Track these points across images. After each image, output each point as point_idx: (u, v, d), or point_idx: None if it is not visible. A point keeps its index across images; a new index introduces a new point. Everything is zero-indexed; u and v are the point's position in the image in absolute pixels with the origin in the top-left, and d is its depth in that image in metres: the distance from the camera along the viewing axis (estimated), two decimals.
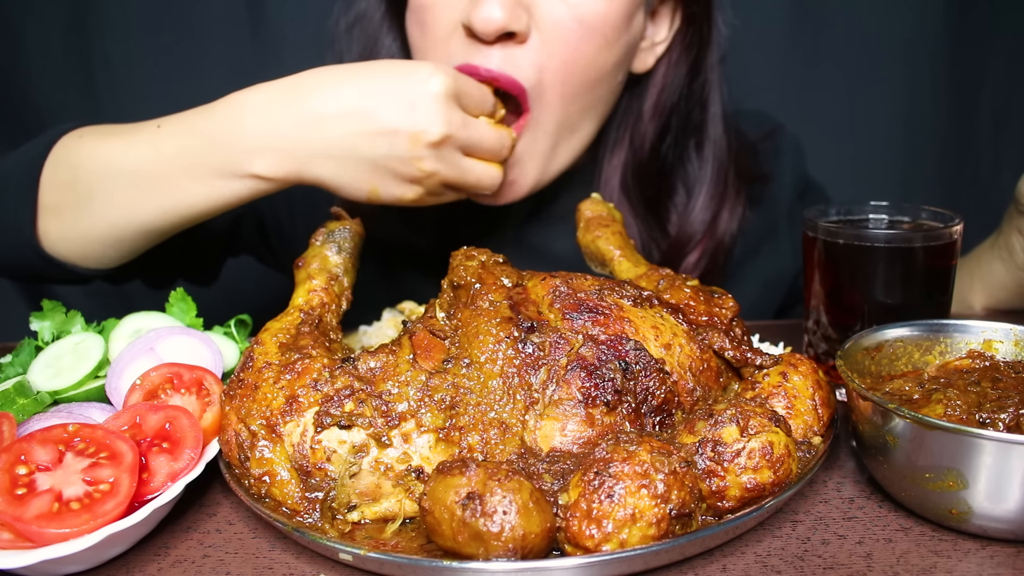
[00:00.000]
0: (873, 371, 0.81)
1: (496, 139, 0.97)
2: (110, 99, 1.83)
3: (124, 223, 0.98)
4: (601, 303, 0.75)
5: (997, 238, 1.17)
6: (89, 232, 1.00)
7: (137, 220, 0.98)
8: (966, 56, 1.89)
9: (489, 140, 0.96)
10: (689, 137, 1.19)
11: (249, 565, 0.67)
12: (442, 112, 0.89)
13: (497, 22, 0.96)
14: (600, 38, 1.02)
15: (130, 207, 0.97)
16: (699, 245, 1.18)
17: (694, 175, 1.19)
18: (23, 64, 1.82)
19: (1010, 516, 0.63)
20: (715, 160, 1.19)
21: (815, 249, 0.92)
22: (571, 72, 1.02)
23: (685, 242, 1.18)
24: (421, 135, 0.89)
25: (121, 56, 1.82)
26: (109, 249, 1.02)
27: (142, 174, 0.95)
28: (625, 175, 1.17)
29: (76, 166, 0.99)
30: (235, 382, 0.75)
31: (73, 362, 0.87)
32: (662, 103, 1.15)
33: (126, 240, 1.01)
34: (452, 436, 0.69)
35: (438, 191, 0.96)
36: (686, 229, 1.18)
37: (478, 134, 0.94)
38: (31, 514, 0.62)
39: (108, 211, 0.98)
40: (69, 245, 1.02)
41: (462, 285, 0.78)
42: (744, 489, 0.64)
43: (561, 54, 1.01)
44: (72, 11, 1.79)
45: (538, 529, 0.58)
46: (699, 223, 1.18)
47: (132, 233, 1.00)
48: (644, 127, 1.16)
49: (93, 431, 0.70)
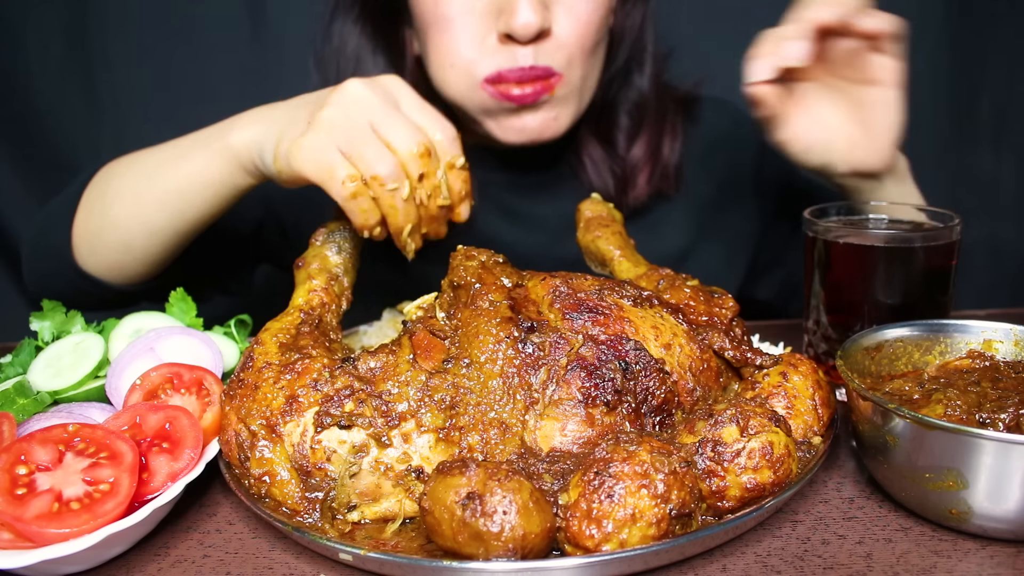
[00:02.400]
0: (873, 371, 0.81)
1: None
2: (110, 99, 1.84)
3: (132, 223, 1.03)
4: (601, 303, 0.75)
5: None
6: (105, 240, 1.06)
7: (142, 217, 1.02)
8: (966, 55, 1.89)
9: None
10: (632, 74, 1.32)
11: (249, 565, 0.67)
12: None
13: (534, 25, 1.05)
14: (604, 8, 1.16)
15: (136, 204, 1.02)
16: (647, 163, 1.31)
17: (638, 103, 1.32)
18: (23, 64, 1.82)
19: (1010, 516, 0.63)
20: (654, 88, 1.32)
21: (815, 249, 0.92)
22: (586, 40, 1.14)
23: (635, 162, 1.31)
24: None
25: (121, 56, 1.82)
26: (126, 257, 1.07)
27: (148, 168, 1.03)
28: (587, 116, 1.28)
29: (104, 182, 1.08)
30: (235, 382, 0.75)
31: (73, 362, 0.87)
32: (615, 50, 1.28)
33: (136, 246, 1.05)
34: (452, 436, 0.69)
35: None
36: (635, 152, 1.32)
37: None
38: (31, 514, 0.62)
39: (119, 211, 1.04)
40: (96, 259, 1.09)
41: (462, 285, 0.78)
42: (744, 489, 0.64)
43: (577, 31, 1.12)
44: (72, 12, 1.79)
45: (538, 529, 0.58)
46: (645, 147, 1.31)
47: (141, 236, 1.04)
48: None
49: (93, 431, 0.70)
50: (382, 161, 0.82)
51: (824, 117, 1.01)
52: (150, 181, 1.02)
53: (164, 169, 1.01)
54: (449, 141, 0.87)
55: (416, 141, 0.83)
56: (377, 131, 0.83)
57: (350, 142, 0.82)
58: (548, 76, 1.11)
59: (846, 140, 1.00)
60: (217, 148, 0.96)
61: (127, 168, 1.07)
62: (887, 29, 0.93)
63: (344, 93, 0.85)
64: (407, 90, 0.88)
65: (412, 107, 0.87)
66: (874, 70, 0.96)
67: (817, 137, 1.01)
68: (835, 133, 1.01)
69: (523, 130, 1.15)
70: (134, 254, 1.07)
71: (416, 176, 0.84)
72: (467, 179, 0.90)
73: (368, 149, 0.82)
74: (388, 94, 0.86)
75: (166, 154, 1.03)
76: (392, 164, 0.83)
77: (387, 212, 0.85)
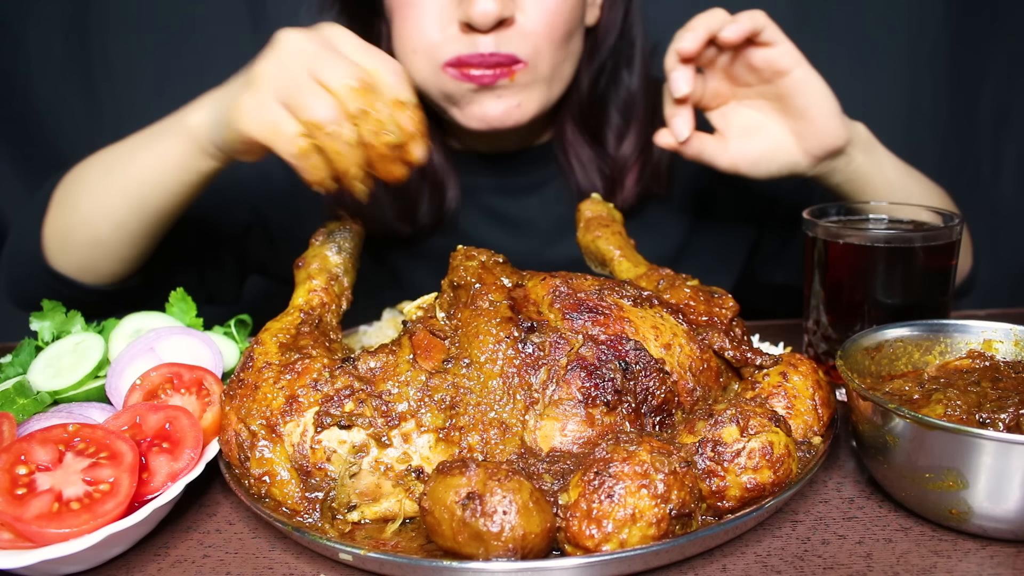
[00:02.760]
0: (873, 371, 0.81)
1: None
2: (110, 99, 1.84)
3: (97, 217, 1.02)
4: (601, 303, 0.75)
5: None
6: (74, 237, 1.05)
7: (107, 210, 1.01)
8: (966, 56, 1.89)
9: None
10: (621, 70, 1.31)
11: (249, 565, 0.67)
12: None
13: (493, 13, 1.04)
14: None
15: (100, 197, 1.01)
16: (637, 161, 1.29)
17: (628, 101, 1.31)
18: (24, 65, 1.82)
19: (1010, 516, 0.63)
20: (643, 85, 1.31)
21: (815, 249, 0.92)
22: (554, 31, 1.12)
23: (625, 160, 1.30)
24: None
25: (121, 56, 1.82)
26: (95, 252, 1.05)
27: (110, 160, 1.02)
28: (574, 113, 1.28)
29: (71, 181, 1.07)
30: (235, 382, 0.75)
31: (73, 362, 0.87)
32: (599, 45, 1.27)
33: (104, 241, 1.04)
34: (452, 436, 0.69)
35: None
36: (625, 150, 1.30)
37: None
38: (31, 514, 0.62)
39: (85, 207, 1.03)
40: (67, 258, 1.07)
41: (462, 285, 0.78)
42: (744, 489, 0.64)
43: (544, 20, 1.11)
44: (72, 12, 1.79)
45: (538, 529, 0.58)
46: (634, 145, 1.29)
47: (107, 230, 1.03)
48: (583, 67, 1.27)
49: (93, 431, 0.70)
50: (320, 104, 0.77)
51: (756, 127, 1.03)
52: (112, 173, 1.01)
53: (125, 160, 1.00)
54: (391, 73, 0.81)
55: (352, 75, 0.78)
56: (315, 75, 0.79)
57: (287, 92, 0.79)
58: (511, 63, 1.10)
59: (789, 136, 1.01)
60: (175, 133, 0.95)
61: (92, 164, 1.05)
62: (754, 26, 0.94)
63: (278, 44, 0.82)
64: (347, 34, 0.83)
65: (352, 48, 0.82)
66: (770, 63, 0.97)
67: (757, 148, 1.02)
68: (774, 136, 1.02)
69: (484, 117, 1.14)
70: (103, 249, 1.05)
71: (356, 112, 0.78)
72: (416, 117, 0.82)
73: (307, 95, 0.78)
74: (325, 40, 0.82)
75: (128, 145, 1.02)
76: (330, 105, 0.77)
77: (332, 158, 0.80)
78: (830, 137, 0.99)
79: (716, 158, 1.03)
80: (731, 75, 1.01)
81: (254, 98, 0.80)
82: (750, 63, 0.98)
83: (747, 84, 1.01)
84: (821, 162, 1.02)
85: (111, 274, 1.09)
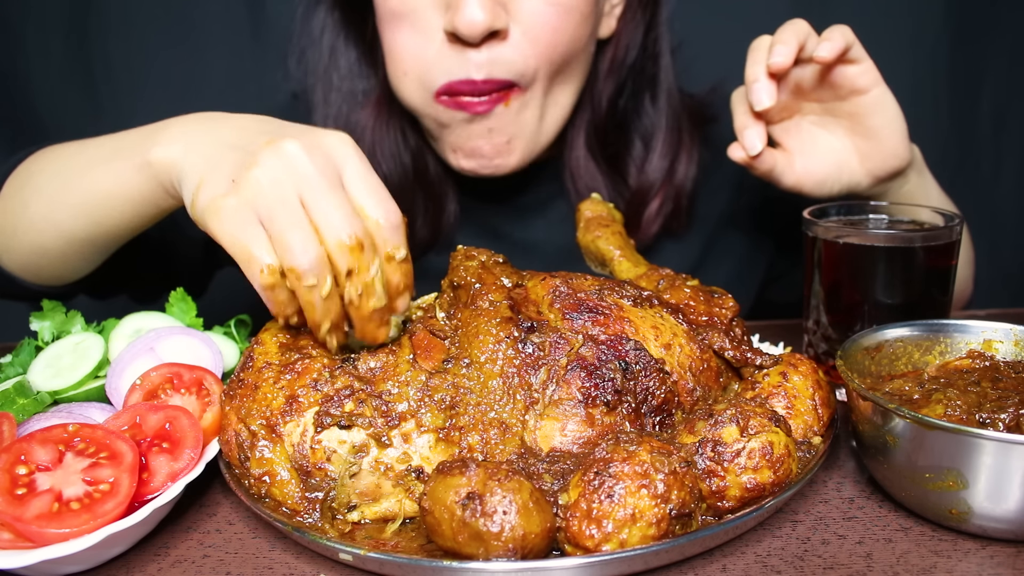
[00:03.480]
0: (873, 371, 0.81)
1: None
2: (110, 99, 1.84)
3: (44, 225, 0.95)
4: (601, 303, 0.75)
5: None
6: (20, 239, 0.98)
7: (55, 221, 0.94)
8: (966, 56, 1.89)
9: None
10: (644, 91, 1.24)
11: (249, 565, 0.67)
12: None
13: (481, 24, 0.98)
14: (577, 15, 1.06)
15: (49, 205, 0.93)
16: (659, 192, 1.23)
17: (650, 126, 1.24)
18: (23, 65, 1.82)
19: (1010, 516, 0.63)
20: (669, 109, 1.24)
21: (815, 249, 0.92)
22: (553, 52, 1.05)
23: (646, 191, 1.23)
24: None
25: (121, 56, 1.82)
26: (41, 260, 0.99)
27: (66, 170, 0.93)
28: (588, 134, 1.22)
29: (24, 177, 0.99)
30: (235, 382, 0.75)
31: (73, 362, 0.87)
32: (617, 62, 1.20)
33: (51, 250, 0.97)
34: (452, 436, 0.69)
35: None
36: (646, 179, 1.24)
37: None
38: (31, 514, 0.62)
39: (33, 212, 0.95)
40: (10, 257, 1.01)
41: (462, 285, 0.78)
42: (744, 489, 0.64)
43: (543, 39, 1.04)
44: (72, 12, 1.79)
45: (538, 529, 0.58)
46: (658, 172, 1.23)
47: (54, 240, 0.96)
48: (601, 86, 1.21)
49: (93, 431, 0.70)
50: (305, 251, 0.68)
51: (822, 145, 1.00)
52: (66, 184, 0.92)
53: (83, 175, 0.91)
54: (391, 229, 0.72)
55: (348, 232, 0.69)
56: (307, 209, 0.69)
57: (274, 217, 0.68)
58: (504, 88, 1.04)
59: (853, 155, 0.99)
60: (137, 163, 0.83)
61: (47, 166, 0.97)
62: (843, 46, 0.91)
63: (279, 154, 0.70)
64: (353, 157, 0.73)
65: (355, 180, 0.72)
66: (851, 81, 0.94)
67: (824, 167, 1.00)
68: (840, 154, 1.00)
69: (472, 156, 1.10)
70: (49, 257, 0.98)
71: (344, 271, 0.70)
72: (407, 271, 0.74)
73: (292, 233, 0.68)
74: (329, 162, 0.72)
75: (88, 156, 0.92)
76: (315, 257, 0.68)
77: (304, 307, 0.71)
78: (896, 159, 0.97)
79: (784, 176, 1.00)
80: (802, 89, 0.98)
81: (236, 208, 0.69)
82: (831, 79, 0.95)
83: (819, 100, 0.98)
84: (881, 183, 1.00)
85: (56, 279, 1.04)
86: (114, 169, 0.87)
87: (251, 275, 0.70)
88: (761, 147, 0.97)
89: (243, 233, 0.69)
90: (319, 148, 0.72)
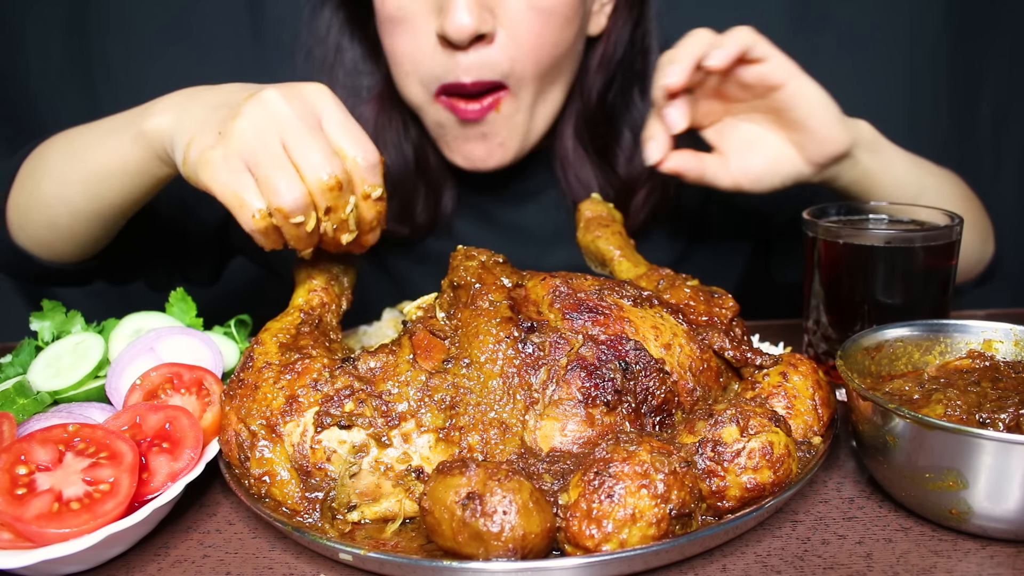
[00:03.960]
0: (873, 371, 0.81)
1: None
2: (110, 99, 1.83)
3: (54, 201, 1.01)
4: (601, 303, 0.75)
5: None
6: (33, 216, 1.04)
7: (64, 196, 1.00)
8: (966, 56, 1.89)
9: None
10: (633, 85, 1.27)
11: (249, 565, 0.67)
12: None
13: (468, 28, 1.02)
14: (560, 19, 1.08)
15: (58, 182, 1.00)
16: (647, 182, 1.26)
17: (639, 119, 1.26)
18: (23, 64, 1.82)
19: (1010, 516, 0.63)
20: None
21: (815, 249, 0.92)
22: (540, 54, 1.09)
23: (634, 182, 1.26)
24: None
25: (121, 56, 1.82)
26: (53, 235, 1.05)
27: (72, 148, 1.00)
28: (578, 126, 1.25)
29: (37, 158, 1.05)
30: (235, 382, 0.75)
31: (73, 362, 0.87)
32: (607, 57, 1.23)
33: (61, 226, 1.03)
34: (452, 436, 0.69)
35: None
36: (635, 169, 1.26)
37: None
38: (31, 514, 0.62)
39: (44, 189, 1.01)
40: (26, 234, 1.07)
41: (462, 285, 0.78)
42: (744, 489, 0.64)
43: (528, 42, 1.07)
44: (72, 11, 1.79)
45: (538, 529, 0.58)
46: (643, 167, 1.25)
47: (63, 215, 1.01)
48: (591, 80, 1.23)
49: (93, 431, 0.70)
50: (290, 191, 0.75)
51: (756, 142, 1.00)
52: (72, 162, 0.98)
53: (86, 151, 0.97)
54: (368, 167, 0.79)
55: (328, 171, 0.76)
56: (289, 152, 0.76)
57: (259, 162, 0.76)
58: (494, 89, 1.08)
59: (789, 147, 0.99)
60: (132, 134, 0.90)
61: (56, 146, 1.04)
62: (741, 47, 0.91)
63: (260, 103, 0.77)
64: (332, 103, 0.80)
65: (334, 123, 0.79)
66: (762, 79, 0.94)
67: (759, 163, 1.00)
68: (775, 148, 1.00)
69: (468, 156, 1.16)
70: (60, 233, 1.04)
71: (323, 208, 0.78)
72: (381, 209, 0.83)
73: (277, 175, 0.75)
74: (308, 108, 0.78)
75: (92, 134, 0.99)
76: (300, 196, 0.76)
77: (288, 239, 0.80)
78: (831, 144, 0.97)
79: (718, 178, 1.01)
80: (722, 94, 0.99)
81: (224, 157, 0.76)
82: (741, 80, 0.95)
83: (741, 100, 0.99)
84: (825, 169, 1.00)
85: (69, 255, 1.09)
86: (112, 144, 0.93)
87: (243, 220, 0.77)
88: (657, 157, 0.98)
89: (233, 180, 0.76)
90: (298, 96, 0.79)
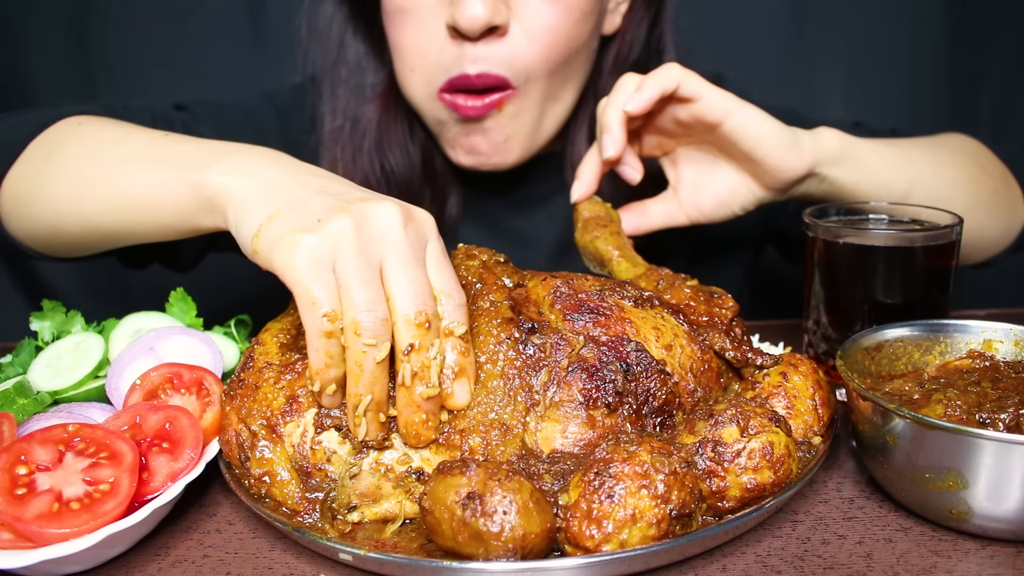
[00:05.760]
0: (873, 371, 0.81)
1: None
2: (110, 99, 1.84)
3: (67, 210, 0.89)
4: (602, 304, 0.75)
5: None
6: (34, 213, 0.93)
7: (81, 210, 0.88)
8: (966, 56, 1.89)
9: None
10: None
11: (249, 565, 0.67)
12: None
13: (482, 19, 0.99)
14: (577, 13, 1.06)
15: (79, 191, 0.87)
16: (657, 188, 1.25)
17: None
18: (23, 64, 1.82)
19: (1010, 516, 0.63)
20: None
21: (815, 249, 0.92)
22: (553, 51, 1.06)
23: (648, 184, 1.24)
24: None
25: (121, 56, 1.82)
26: (52, 239, 0.95)
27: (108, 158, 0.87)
28: (591, 130, 1.21)
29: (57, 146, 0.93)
30: (235, 382, 0.75)
31: (73, 362, 0.87)
32: (622, 58, 1.21)
33: (67, 233, 0.92)
34: (452, 438, 0.69)
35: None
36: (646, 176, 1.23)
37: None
38: (31, 514, 0.62)
39: (57, 192, 0.89)
40: (18, 224, 0.97)
41: (463, 285, 0.78)
42: (744, 489, 0.64)
43: (542, 37, 1.04)
44: (72, 11, 1.79)
45: (538, 529, 0.58)
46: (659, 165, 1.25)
47: (74, 224, 0.90)
48: (605, 82, 1.21)
49: (93, 431, 0.70)
50: (371, 310, 0.65)
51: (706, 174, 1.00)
52: (98, 176, 0.86)
53: (119, 168, 0.85)
54: (455, 307, 0.70)
55: (418, 308, 0.66)
56: (384, 275, 0.67)
57: (349, 269, 0.65)
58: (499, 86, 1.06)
59: (744, 175, 0.98)
60: (189, 179, 0.77)
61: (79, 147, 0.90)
62: (662, 88, 0.89)
63: (375, 211, 0.68)
64: (435, 238, 0.72)
65: (433, 259, 0.71)
66: (697, 118, 0.93)
67: (712, 197, 0.99)
68: (726, 179, 0.99)
69: (471, 151, 1.13)
70: (63, 239, 0.94)
71: (404, 346, 0.66)
72: (467, 353, 0.70)
73: (363, 290, 0.65)
74: (420, 237, 0.70)
75: (130, 150, 0.86)
76: (380, 318, 0.65)
77: (350, 372, 0.66)
78: (785, 172, 0.94)
79: (673, 220, 1.00)
80: (665, 131, 0.97)
81: (316, 249, 0.65)
82: (677, 119, 0.93)
83: (686, 136, 0.97)
84: (787, 191, 0.98)
85: (65, 255, 1.01)
86: (160, 176, 0.81)
87: (310, 318, 0.65)
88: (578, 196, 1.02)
89: (314, 274, 0.65)
90: (413, 220, 0.70)
